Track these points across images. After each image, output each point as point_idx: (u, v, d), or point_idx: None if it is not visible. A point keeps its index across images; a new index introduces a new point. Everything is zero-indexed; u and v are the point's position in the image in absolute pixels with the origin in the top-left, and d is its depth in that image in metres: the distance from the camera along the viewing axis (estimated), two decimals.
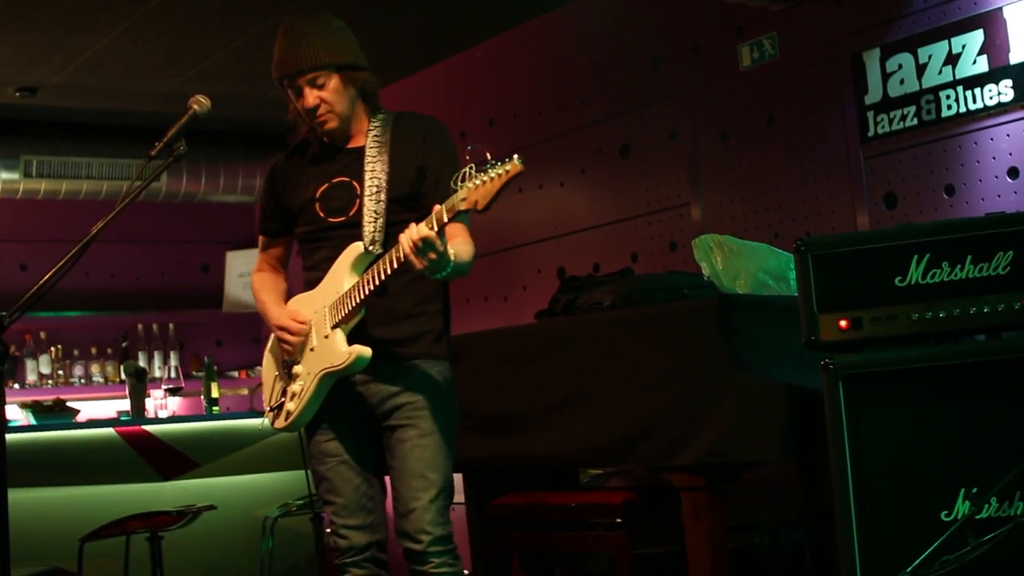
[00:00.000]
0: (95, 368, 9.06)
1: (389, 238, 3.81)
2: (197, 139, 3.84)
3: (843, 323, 3.71)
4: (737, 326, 4.23)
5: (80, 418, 7.10)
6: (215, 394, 7.45)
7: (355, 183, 3.97)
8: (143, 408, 7.19)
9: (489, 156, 3.46)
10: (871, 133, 5.61)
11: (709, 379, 4.18)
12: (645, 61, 6.72)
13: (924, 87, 5.42)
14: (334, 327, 3.87)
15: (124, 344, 9.14)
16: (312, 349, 3.95)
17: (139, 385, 7.22)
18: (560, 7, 7.17)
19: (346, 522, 4.01)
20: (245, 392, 9.71)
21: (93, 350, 9.10)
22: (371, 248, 3.86)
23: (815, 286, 3.75)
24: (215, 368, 7.68)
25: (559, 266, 7.17)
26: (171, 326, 9.22)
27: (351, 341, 3.86)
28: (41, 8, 6.55)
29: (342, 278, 3.90)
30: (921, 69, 5.43)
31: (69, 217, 8.83)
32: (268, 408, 4.14)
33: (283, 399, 4.04)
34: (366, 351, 3.83)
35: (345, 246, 3.92)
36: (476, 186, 3.44)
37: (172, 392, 7.62)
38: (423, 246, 3.53)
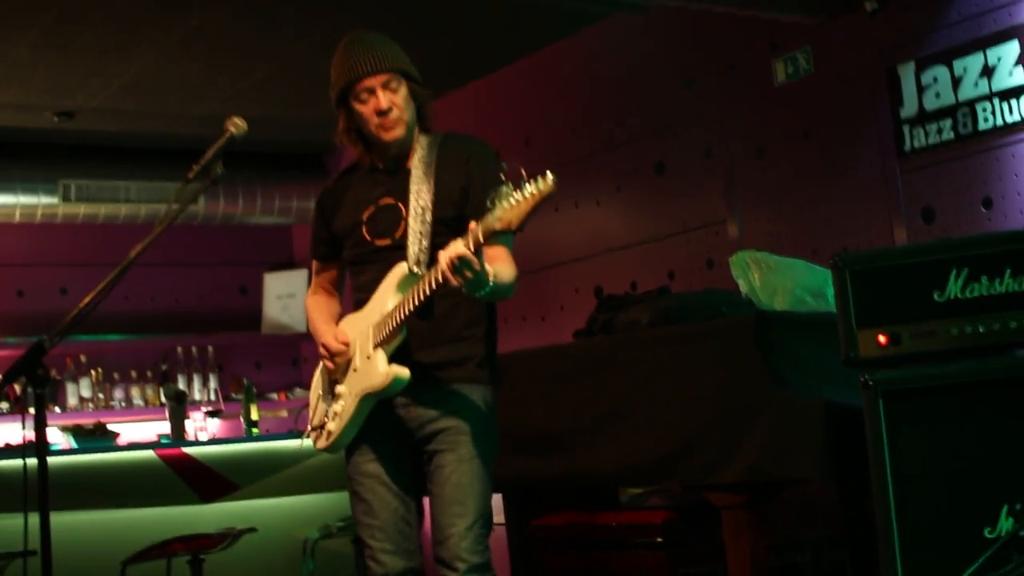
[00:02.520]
0: (135, 391, 9.09)
1: (433, 259, 3.74)
2: (234, 161, 3.86)
3: (882, 339, 3.70)
4: (775, 343, 4.21)
5: (121, 441, 7.15)
6: (255, 416, 7.48)
7: (400, 205, 3.96)
8: (183, 431, 7.23)
9: (523, 174, 3.44)
10: (907, 147, 5.59)
11: (748, 396, 4.17)
12: (679, 78, 6.72)
13: (960, 100, 5.40)
14: (376, 347, 3.86)
15: (164, 367, 9.18)
16: (355, 369, 3.94)
17: (179, 408, 7.26)
18: (594, 26, 7.18)
19: (383, 545, 3.98)
20: (284, 414, 9.74)
21: (133, 373, 9.14)
22: (415, 269, 3.84)
23: (853, 302, 3.74)
24: (254, 390, 7.71)
25: (596, 285, 7.16)
26: (210, 349, 9.25)
27: (394, 362, 3.85)
28: (78, 33, 6.60)
29: (386, 298, 3.88)
30: (957, 82, 5.40)
31: (108, 241, 8.88)
32: (310, 427, 4.14)
33: (325, 419, 4.04)
34: (404, 372, 3.82)
35: (390, 267, 3.91)
36: (510, 206, 3.39)
37: (212, 414, 7.67)
38: (460, 264, 3.50)
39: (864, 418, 3.67)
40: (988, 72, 5.29)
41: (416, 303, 3.72)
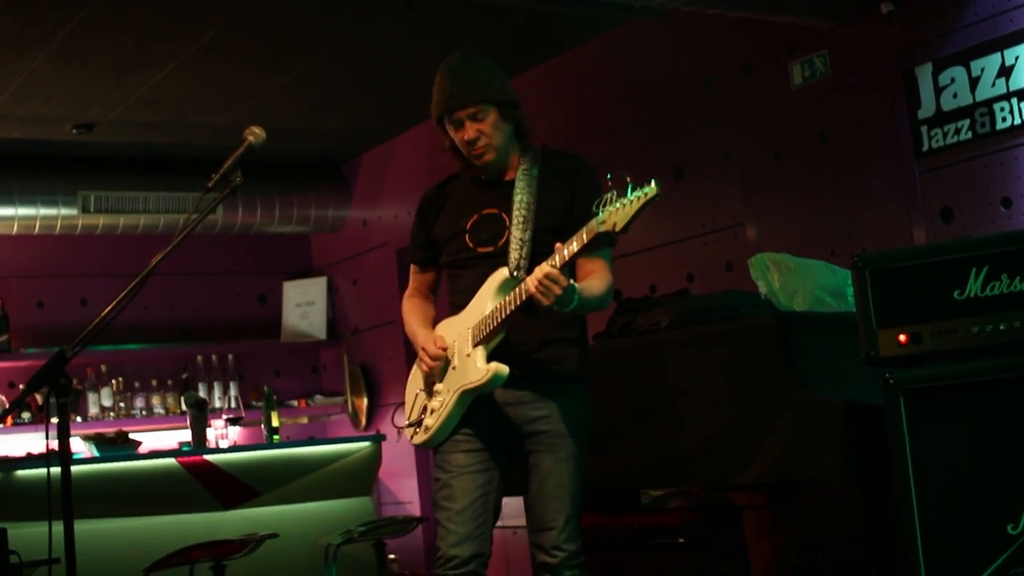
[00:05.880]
0: (156, 400, 9.12)
1: (534, 266, 3.89)
2: (252, 171, 3.88)
3: (902, 338, 3.71)
4: (796, 343, 4.22)
5: (142, 449, 7.15)
6: (275, 423, 7.50)
7: (504, 215, 4.12)
8: (204, 438, 7.24)
9: (629, 180, 3.61)
10: (925, 148, 5.59)
11: (769, 397, 4.18)
12: (697, 82, 6.72)
13: (978, 100, 5.39)
14: (475, 346, 4.00)
15: (184, 375, 9.19)
16: (454, 368, 4.07)
17: (200, 416, 7.27)
18: (610, 32, 7.19)
19: (457, 528, 4.05)
20: (305, 421, 9.78)
21: (154, 382, 9.16)
22: (516, 274, 3.99)
23: (873, 302, 3.75)
24: (275, 397, 7.72)
25: (615, 289, 7.15)
26: (230, 357, 9.27)
27: (492, 361, 3.97)
28: (97, 46, 6.63)
29: (486, 301, 4.03)
30: (974, 82, 5.40)
31: (127, 251, 8.91)
32: (407, 423, 4.25)
33: (423, 415, 4.16)
34: (503, 368, 3.94)
35: (491, 272, 4.05)
36: (616, 209, 3.59)
37: (233, 422, 7.67)
38: (548, 283, 3.68)
39: (885, 417, 3.68)
40: (1006, 72, 5.29)
41: (515, 306, 3.88)
